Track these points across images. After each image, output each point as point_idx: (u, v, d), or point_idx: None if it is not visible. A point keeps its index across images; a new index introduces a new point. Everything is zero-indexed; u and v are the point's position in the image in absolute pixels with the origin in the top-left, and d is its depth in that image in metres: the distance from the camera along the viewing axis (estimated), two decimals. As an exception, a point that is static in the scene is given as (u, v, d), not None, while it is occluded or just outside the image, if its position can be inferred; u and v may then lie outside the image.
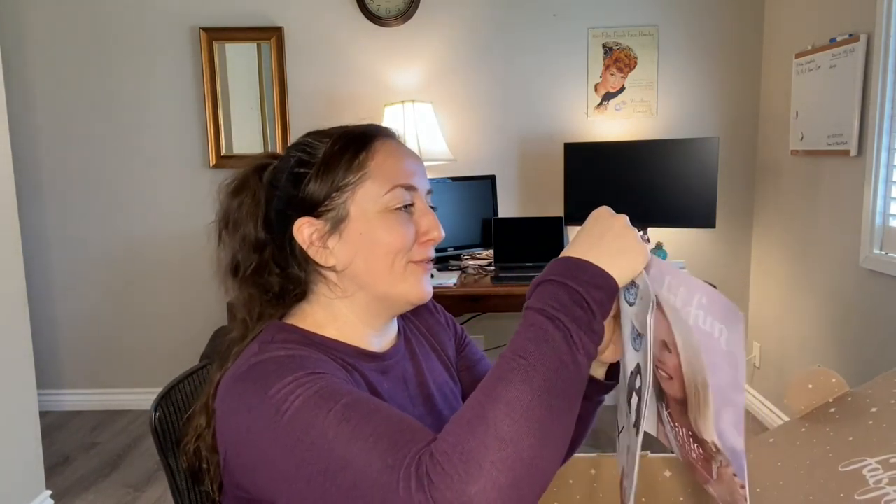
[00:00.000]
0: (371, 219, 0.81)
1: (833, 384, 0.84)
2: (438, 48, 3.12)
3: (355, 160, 0.81)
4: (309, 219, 0.81)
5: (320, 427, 0.64)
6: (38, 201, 3.24)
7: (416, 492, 0.57)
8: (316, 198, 0.81)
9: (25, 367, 2.23)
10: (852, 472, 0.69)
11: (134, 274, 3.28)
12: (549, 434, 0.59)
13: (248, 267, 0.85)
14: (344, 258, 0.81)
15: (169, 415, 0.97)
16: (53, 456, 2.81)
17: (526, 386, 0.59)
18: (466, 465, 0.57)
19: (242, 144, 3.18)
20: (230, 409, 0.72)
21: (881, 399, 0.79)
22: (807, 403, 0.85)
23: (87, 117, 3.19)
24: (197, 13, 3.11)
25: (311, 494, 0.64)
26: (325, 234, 0.81)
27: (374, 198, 0.80)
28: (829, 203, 2.51)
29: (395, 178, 0.81)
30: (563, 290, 0.64)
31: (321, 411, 0.65)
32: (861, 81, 2.25)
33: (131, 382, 3.33)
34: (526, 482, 0.57)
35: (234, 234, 0.86)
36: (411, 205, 0.83)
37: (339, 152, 0.82)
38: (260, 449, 0.68)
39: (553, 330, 0.62)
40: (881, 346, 2.21)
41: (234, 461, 0.73)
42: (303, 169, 0.82)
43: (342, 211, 0.81)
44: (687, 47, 3.07)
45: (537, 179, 3.16)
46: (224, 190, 0.88)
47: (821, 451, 0.76)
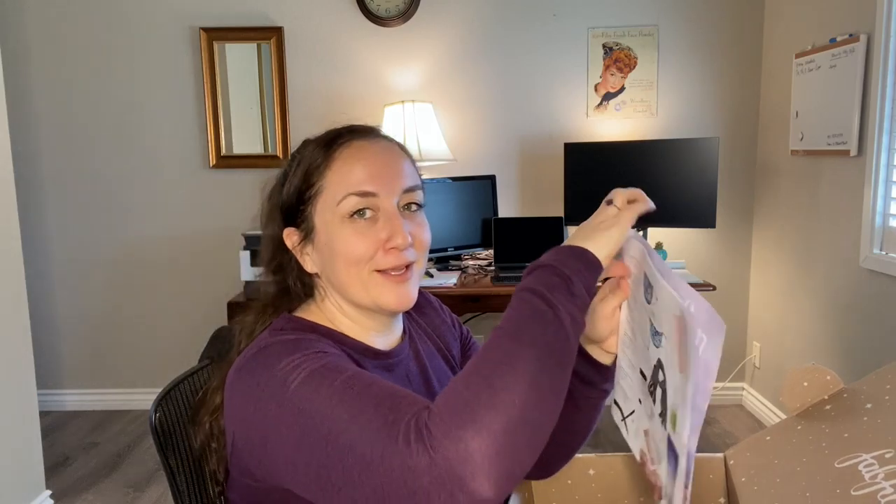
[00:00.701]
0: (330, 229, 0.81)
1: (828, 381, 0.85)
2: (438, 48, 3.12)
3: (316, 170, 0.82)
4: (290, 228, 0.85)
5: (325, 395, 0.66)
6: (38, 201, 3.24)
7: (415, 442, 0.60)
8: (290, 207, 0.84)
9: (25, 367, 2.23)
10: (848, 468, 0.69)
11: (134, 274, 3.28)
12: (540, 386, 0.61)
13: (271, 262, 0.89)
14: (319, 266, 0.84)
15: (169, 415, 0.97)
16: (53, 456, 2.81)
17: (514, 344, 0.63)
18: (461, 414, 0.59)
19: (242, 144, 3.18)
20: (238, 389, 0.74)
21: (875, 395, 0.79)
22: (802, 401, 0.85)
23: (86, 117, 3.19)
24: (197, 13, 3.11)
25: (315, 463, 0.65)
26: (301, 242, 0.84)
27: (330, 207, 0.81)
28: (829, 203, 2.51)
29: (350, 185, 0.80)
30: (541, 270, 0.70)
31: (325, 381, 0.68)
32: (861, 81, 2.25)
33: (131, 382, 3.34)
34: (520, 431, 0.59)
35: (264, 233, 0.90)
36: (365, 212, 0.80)
37: (306, 161, 0.83)
38: (267, 422, 0.69)
39: (532, 297, 0.66)
40: (881, 346, 2.21)
41: (241, 442, 0.74)
42: (285, 178, 0.86)
43: (310, 221, 0.83)
44: (687, 47, 3.07)
45: (537, 179, 3.16)
46: (265, 192, 0.92)
47: (816, 447, 0.76)
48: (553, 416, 0.63)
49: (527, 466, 0.61)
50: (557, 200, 3.09)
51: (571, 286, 0.68)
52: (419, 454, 0.59)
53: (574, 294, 0.67)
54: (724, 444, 2.84)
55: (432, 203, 0.87)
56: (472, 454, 0.58)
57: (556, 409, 0.63)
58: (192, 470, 0.98)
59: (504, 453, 0.58)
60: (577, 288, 0.68)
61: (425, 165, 3.02)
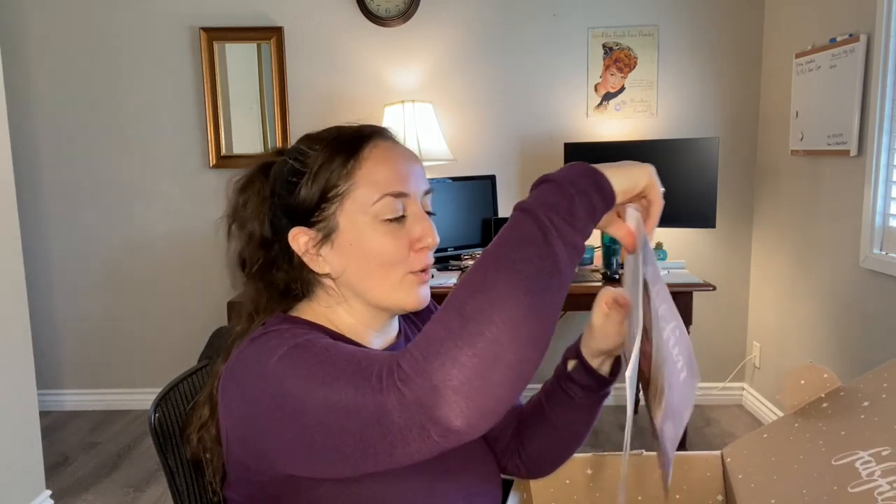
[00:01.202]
0: (361, 230, 0.79)
1: (825, 379, 0.85)
2: (438, 48, 3.12)
3: (344, 169, 0.79)
4: (303, 228, 0.81)
5: (301, 364, 0.67)
6: (39, 201, 3.24)
7: (386, 379, 0.60)
8: (307, 207, 0.80)
9: (25, 367, 2.23)
10: (845, 466, 0.69)
11: (134, 274, 3.28)
12: (519, 316, 0.57)
13: (254, 263, 0.85)
14: (337, 267, 0.81)
15: (169, 415, 0.97)
16: (53, 456, 2.81)
17: (493, 269, 0.59)
18: (430, 347, 0.58)
19: (242, 144, 3.18)
20: (231, 377, 0.74)
21: (872, 393, 0.80)
22: (799, 399, 0.86)
23: (87, 117, 3.19)
24: (197, 13, 3.11)
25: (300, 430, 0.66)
26: (318, 243, 0.81)
27: (363, 208, 0.79)
28: (829, 203, 2.51)
29: (384, 186, 0.79)
30: (545, 185, 0.65)
31: (302, 353, 0.68)
32: (861, 81, 2.25)
33: (131, 382, 3.34)
34: (493, 364, 0.56)
35: (241, 231, 0.86)
36: (402, 216, 0.80)
37: (328, 161, 0.80)
38: (254, 409, 0.70)
39: (524, 218, 0.62)
40: (881, 346, 2.21)
41: (235, 437, 0.75)
42: (295, 178, 0.81)
43: (332, 221, 0.80)
44: (687, 47, 3.07)
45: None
46: (232, 186, 0.88)
47: (814, 445, 0.76)
48: (536, 350, 0.58)
49: (508, 403, 0.58)
50: (557, 200, 3.09)
51: (573, 206, 0.62)
52: (389, 390, 0.59)
53: (575, 216, 0.62)
54: (724, 444, 2.83)
55: (432, 203, 0.87)
56: (437, 386, 0.56)
57: (540, 343, 0.59)
58: (192, 470, 0.98)
59: (474, 385, 0.56)
60: (579, 209, 0.62)
61: (425, 165, 3.02)
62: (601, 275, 2.56)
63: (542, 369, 3.29)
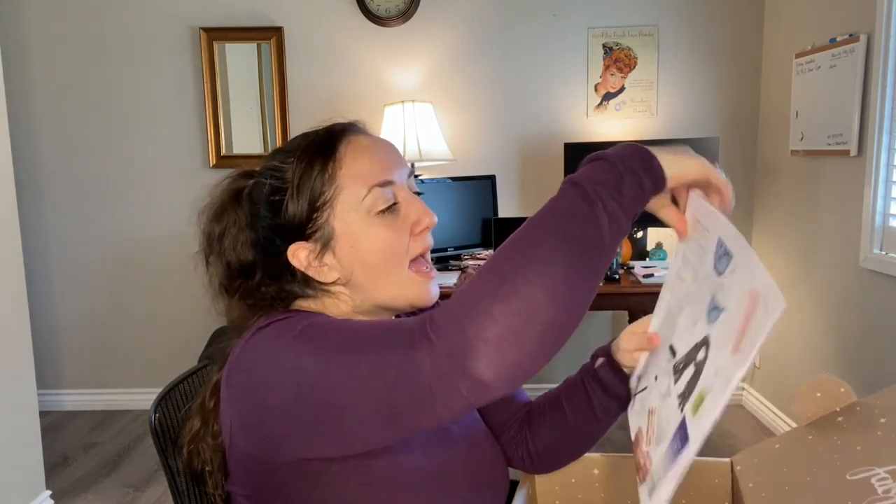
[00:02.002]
0: (357, 229, 0.78)
1: (842, 393, 0.84)
2: (438, 48, 3.12)
3: (325, 173, 0.78)
4: (300, 243, 0.79)
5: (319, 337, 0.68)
6: (39, 201, 3.24)
7: (418, 333, 0.60)
8: (299, 222, 0.79)
9: (25, 367, 2.23)
10: (860, 481, 0.68)
11: (134, 274, 3.28)
12: (559, 280, 0.57)
13: (236, 290, 0.85)
14: (346, 271, 0.80)
15: (169, 415, 0.97)
16: (53, 456, 2.81)
17: (535, 233, 0.60)
18: (467, 302, 0.59)
19: (242, 144, 3.18)
20: (237, 367, 0.74)
21: (890, 409, 0.78)
22: (814, 411, 0.85)
23: (87, 117, 3.19)
24: (197, 13, 3.11)
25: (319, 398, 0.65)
26: (319, 253, 0.79)
27: (353, 206, 0.78)
28: (829, 203, 2.51)
29: (369, 178, 0.78)
30: (596, 162, 0.65)
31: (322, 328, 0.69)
32: (861, 81, 2.25)
33: (131, 382, 3.33)
34: (529, 323, 0.57)
35: (218, 260, 0.86)
36: (395, 203, 0.79)
37: (307, 169, 0.78)
38: (264, 392, 0.70)
39: (572, 190, 0.62)
40: (881, 346, 2.21)
41: (240, 428, 0.74)
42: (277, 196, 0.79)
43: (327, 228, 0.78)
44: (687, 47, 3.07)
45: (537, 179, 3.15)
46: (204, 218, 0.88)
47: (828, 458, 0.75)
48: (572, 316, 0.59)
49: (538, 363, 0.59)
50: (557, 200, 3.09)
51: (622, 185, 0.62)
52: (421, 343, 0.59)
53: (622, 193, 0.62)
54: (725, 444, 2.83)
55: (432, 203, 0.86)
56: (471, 339, 0.56)
57: (575, 311, 0.59)
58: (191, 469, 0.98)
59: (508, 341, 0.56)
60: (627, 188, 0.62)
61: (425, 165, 3.02)
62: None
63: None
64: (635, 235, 2.86)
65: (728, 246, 0.63)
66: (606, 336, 3.26)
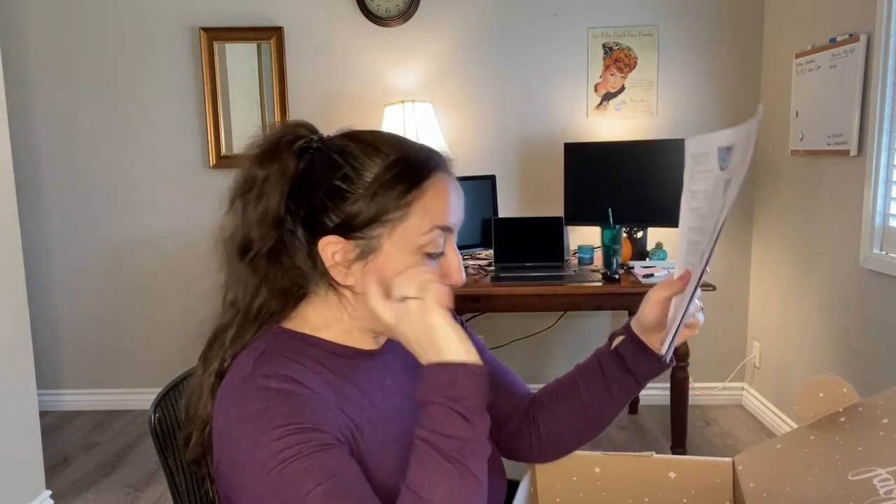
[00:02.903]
0: (401, 257, 0.77)
1: (844, 394, 0.84)
2: (438, 48, 3.12)
3: (403, 198, 0.77)
4: (338, 238, 0.78)
5: (301, 499, 0.68)
6: (39, 201, 3.24)
7: None
8: (352, 222, 0.77)
9: (25, 367, 2.23)
10: (862, 482, 0.68)
11: (134, 274, 3.28)
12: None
13: (262, 246, 0.80)
14: (364, 284, 0.79)
15: (168, 415, 0.97)
16: (53, 456, 2.81)
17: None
18: None
19: (242, 144, 3.15)
20: (225, 437, 0.74)
21: (893, 410, 0.78)
22: (816, 411, 0.84)
23: (87, 117, 3.19)
24: (197, 13, 3.11)
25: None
26: (352, 259, 0.78)
27: (411, 236, 0.77)
28: (829, 203, 2.51)
29: (436, 218, 0.78)
30: (434, 408, 0.71)
31: (306, 485, 0.68)
32: (861, 81, 2.25)
33: (131, 382, 3.33)
34: None
35: (254, 206, 0.80)
36: (442, 253, 0.80)
37: (390, 184, 0.77)
38: (241, 489, 0.72)
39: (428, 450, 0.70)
40: (881, 346, 2.21)
41: (224, 477, 0.75)
42: (345, 185, 0.78)
43: (376, 242, 0.78)
44: (687, 47, 3.07)
45: (537, 179, 3.15)
46: (251, 157, 0.81)
47: (830, 458, 0.75)
48: None
49: None
50: (557, 200, 3.08)
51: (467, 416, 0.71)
52: None
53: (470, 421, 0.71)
54: (724, 444, 2.83)
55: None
56: None
57: None
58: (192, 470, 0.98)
59: None
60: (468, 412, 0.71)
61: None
62: (601, 275, 2.55)
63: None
64: (635, 235, 2.86)
65: (726, 144, 0.76)
66: (606, 336, 3.26)
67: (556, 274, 2.64)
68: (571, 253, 2.99)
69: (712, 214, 0.77)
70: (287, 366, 0.76)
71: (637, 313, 0.90)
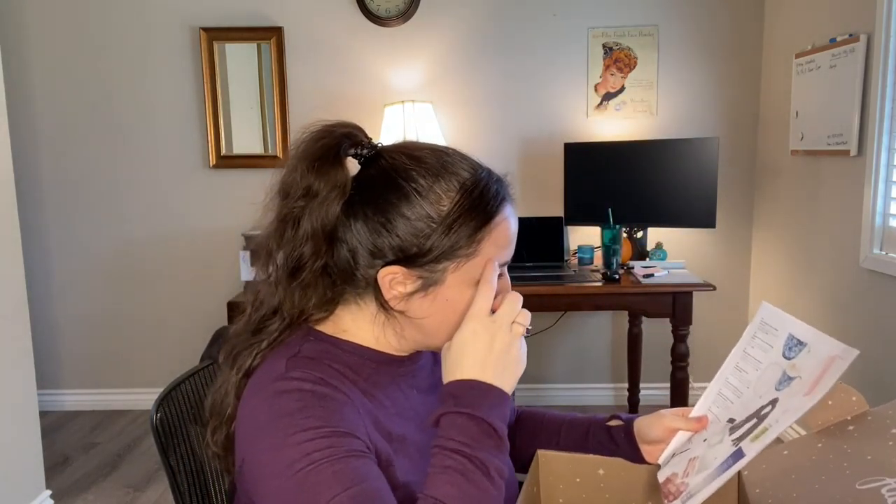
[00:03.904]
0: (463, 290, 0.77)
1: (853, 402, 0.83)
2: (438, 48, 3.12)
3: (478, 233, 0.76)
4: (400, 268, 0.76)
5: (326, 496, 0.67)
6: (38, 201, 3.24)
7: None
8: (420, 256, 0.75)
9: (25, 367, 2.23)
10: (870, 491, 0.68)
11: (134, 274, 3.28)
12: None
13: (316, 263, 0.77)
14: (419, 313, 0.78)
15: (170, 415, 0.97)
16: (53, 456, 2.81)
17: None
18: None
19: (242, 144, 3.18)
20: (251, 436, 0.72)
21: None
22: (824, 419, 0.84)
23: (87, 117, 3.19)
24: (197, 13, 3.11)
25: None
26: (414, 291, 0.77)
27: (475, 270, 0.76)
28: (829, 203, 2.51)
29: (501, 255, 0.78)
30: (473, 423, 0.71)
31: (332, 489, 0.66)
32: (861, 81, 2.25)
33: (131, 382, 3.33)
34: None
35: (311, 217, 0.76)
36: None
37: (465, 219, 0.75)
38: (266, 489, 0.70)
39: (473, 469, 0.69)
40: (881, 346, 2.21)
41: (247, 477, 0.74)
42: (410, 213, 0.75)
43: (440, 276, 0.76)
44: (687, 47, 3.07)
45: (537, 179, 3.16)
46: (306, 163, 0.76)
47: (837, 467, 0.74)
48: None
49: None
50: (557, 200, 3.09)
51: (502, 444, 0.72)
52: None
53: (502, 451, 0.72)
54: (724, 444, 2.83)
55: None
56: None
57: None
58: (193, 469, 0.98)
59: None
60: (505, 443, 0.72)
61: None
62: (601, 275, 2.56)
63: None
64: (635, 235, 2.86)
65: (799, 337, 0.78)
66: (606, 336, 3.27)
67: (556, 274, 2.64)
68: (571, 253, 2.99)
69: (759, 392, 0.80)
70: (321, 369, 0.75)
71: (644, 419, 0.92)
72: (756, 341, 0.84)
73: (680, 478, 0.78)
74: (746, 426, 0.74)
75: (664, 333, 2.70)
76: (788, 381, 0.74)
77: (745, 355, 0.85)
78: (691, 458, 0.80)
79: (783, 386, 0.74)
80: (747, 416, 0.76)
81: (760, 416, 0.73)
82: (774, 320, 0.84)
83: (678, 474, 0.79)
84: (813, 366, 0.71)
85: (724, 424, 0.80)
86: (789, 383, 0.73)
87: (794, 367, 0.74)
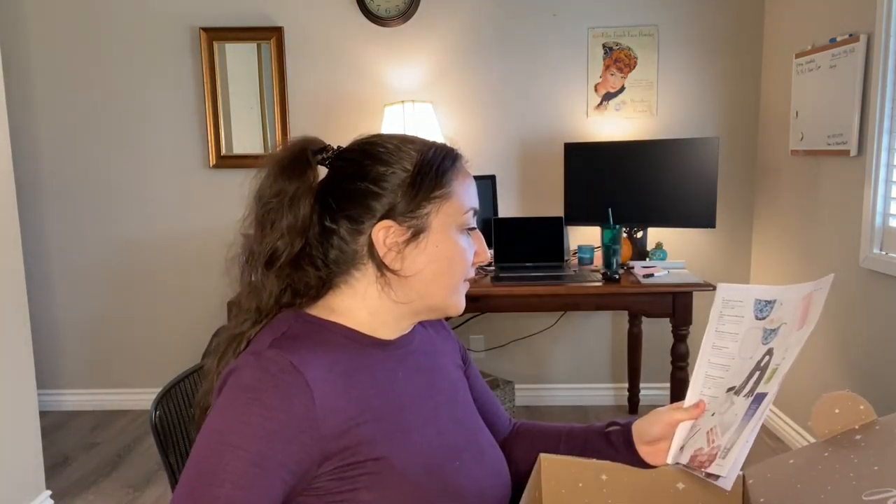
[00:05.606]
0: (449, 235, 0.84)
1: (861, 411, 0.82)
2: (438, 48, 3.12)
3: (445, 176, 0.84)
4: (389, 222, 0.82)
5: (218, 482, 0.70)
6: (39, 201, 3.24)
7: None
8: (402, 204, 0.82)
9: (25, 367, 2.23)
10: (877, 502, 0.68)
11: (134, 274, 3.28)
12: None
13: (289, 253, 0.83)
14: (415, 266, 0.83)
15: (169, 414, 0.97)
16: (53, 456, 2.81)
17: None
18: None
19: (242, 144, 3.18)
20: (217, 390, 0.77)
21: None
22: (831, 427, 0.83)
23: (87, 117, 3.19)
24: (197, 13, 3.11)
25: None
26: (404, 241, 0.83)
27: (454, 215, 0.84)
28: (829, 203, 2.51)
29: (469, 200, 0.87)
30: None
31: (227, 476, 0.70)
32: (861, 81, 2.25)
33: (131, 382, 3.34)
34: None
35: (285, 217, 0.82)
36: (473, 229, 0.88)
37: (431, 164, 0.84)
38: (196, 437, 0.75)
39: None
40: (881, 347, 2.21)
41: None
42: (387, 172, 0.83)
43: (424, 221, 0.83)
44: (687, 47, 3.07)
45: (537, 179, 3.16)
46: (275, 172, 0.85)
47: (843, 477, 0.74)
48: None
49: None
50: (557, 200, 3.09)
51: None
52: None
53: None
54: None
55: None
56: None
57: None
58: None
59: None
60: None
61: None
62: (601, 275, 2.56)
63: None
64: (635, 235, 2.86)
65: (766, 298, 0.80)
66: (606, 336, 3.26)
67: (556, 274, 2.64)
68: (571, 253, 2.99)
69: (746, 355, 0.81)
70: (299, 353, 0.76)
71: (642, 420, 0.93)
72: (725, 318, 0.87)
73: (706, 449, 0.78)
74: (751, 381, 0.75)
75: (664, 333, 2.70)
76: (773, 332, 0.75)
77: (719, 333, 0.87)
78: (708, 431, 0.80)
79: (770, 338, 0.75)
80: (745, 377, 0.77)
81: (762, 368, 0.74)
82: (735, 294, 0.86)
83: (703, 449, 0.80)
84: (791, 310, 0.74)
85: (726, 395, 0.81)
86: (775, 333, 0.75)
87: (772, 321, 0.76)
